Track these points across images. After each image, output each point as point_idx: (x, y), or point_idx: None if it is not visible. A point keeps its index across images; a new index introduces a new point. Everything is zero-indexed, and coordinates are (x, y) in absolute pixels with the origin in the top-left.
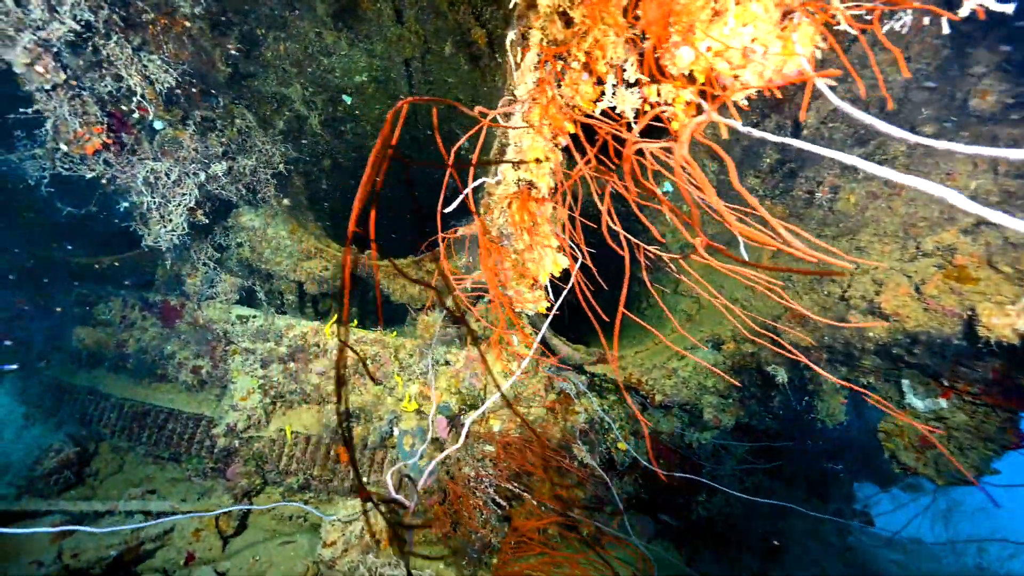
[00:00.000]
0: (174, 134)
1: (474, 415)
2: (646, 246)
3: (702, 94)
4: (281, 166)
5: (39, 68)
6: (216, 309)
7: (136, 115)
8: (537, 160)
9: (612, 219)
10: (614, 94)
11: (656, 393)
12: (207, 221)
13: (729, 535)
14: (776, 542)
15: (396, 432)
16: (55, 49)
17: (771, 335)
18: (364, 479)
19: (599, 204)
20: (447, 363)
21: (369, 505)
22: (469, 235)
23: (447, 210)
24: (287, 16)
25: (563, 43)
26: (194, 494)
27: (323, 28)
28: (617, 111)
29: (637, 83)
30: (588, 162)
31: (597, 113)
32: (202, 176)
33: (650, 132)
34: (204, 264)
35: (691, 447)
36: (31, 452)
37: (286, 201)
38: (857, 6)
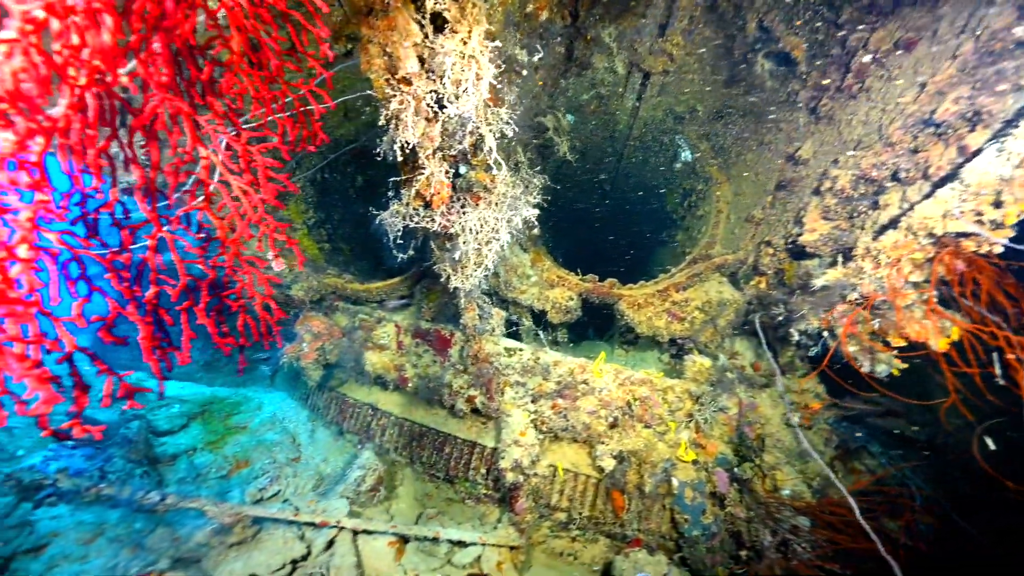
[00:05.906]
0: (477, 177)
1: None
2: None
3: None
4: (539, 197)
5: (429, 139)
6: (489, 342)
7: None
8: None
9: None
10: None
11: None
12: (497, 259)
13: None
14: None
15: (675, 482)
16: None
17: None
18: (636, 527)
19: None
20: (722, 410)
21: (664, 559)
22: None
23: None
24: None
25: None
26: (473, 518)
27: (592, 50)
28: None
29: None
30: None
31: None
32: (516, 220)
33: None
34: (479, 298)
35: None
36: (327, 459)
37: (535, 231)
38: None
